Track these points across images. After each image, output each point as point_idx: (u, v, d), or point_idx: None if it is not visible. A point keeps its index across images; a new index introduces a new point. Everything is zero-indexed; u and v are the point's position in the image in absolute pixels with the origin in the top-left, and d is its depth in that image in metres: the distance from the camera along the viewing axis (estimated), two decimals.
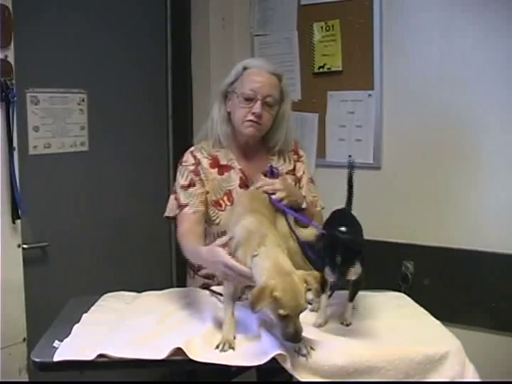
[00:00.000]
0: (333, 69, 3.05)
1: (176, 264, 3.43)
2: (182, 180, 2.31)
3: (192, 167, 2.31)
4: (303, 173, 2.43)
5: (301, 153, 2.46)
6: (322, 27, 3.07)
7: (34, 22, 2.69)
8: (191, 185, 2.29)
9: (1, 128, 2.27)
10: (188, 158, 2.34)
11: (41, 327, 1.99)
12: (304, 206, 2.25)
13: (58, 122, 2.84)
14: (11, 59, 2.30)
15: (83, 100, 2.94)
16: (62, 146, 2.88)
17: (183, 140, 3.39)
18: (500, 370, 2.56)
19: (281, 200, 2.12)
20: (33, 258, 2.68)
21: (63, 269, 2.87)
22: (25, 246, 2.48)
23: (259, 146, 2.37)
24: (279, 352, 1.71)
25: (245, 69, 2.28)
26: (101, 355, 1.75)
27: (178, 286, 3.24)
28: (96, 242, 3.02)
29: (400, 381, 1.76)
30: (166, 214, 2.36)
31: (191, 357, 1.73)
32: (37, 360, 1.79)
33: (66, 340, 1.85)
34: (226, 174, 2.32)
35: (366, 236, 2.01)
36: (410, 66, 2.88)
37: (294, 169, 2.42)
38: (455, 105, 2.78)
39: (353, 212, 2.00)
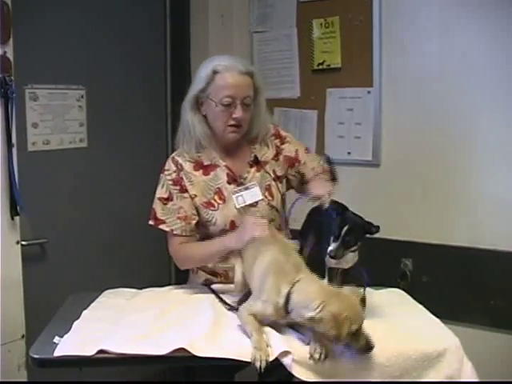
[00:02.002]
0: (332, 66, 3.05)
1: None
2: (161, 191, 2.29)
3: (173, 175, 2.29)
4: (297, 150, 2.40)
5: (284, 134, 2.42)
6: (321, 24, 3.07)
7: (33, 19, 2.69)
8: (169, 198, 2.27)
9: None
10: (169, 165, 2.32)
11: (39, 324, 1.99)
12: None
13: (56, 118, 2.84)
14: (10, 55, 2.29)
15: (82, 96, 2.94)
16: (61, 143, 2.88)
17: None
18: (498, 367, 2.56)
19: None
20: (31, 255, 2.68)
21: (62, 265, 2.86)
22: (23, 243, 2.48)
23: (240, 140, 2.33)
24: (284, 349, 1.71)
25: (215, 72, 2.22)
26: (101, 351, 1.75)
27: (176, 283, 3.26)
28: (94, 239, 3.02)
29: (400, 381, 1.77)
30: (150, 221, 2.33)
31: (195, 353, 1.73)
32: (35, 356, 1.79)
33: (66, 336, 1.86)
34: (212, 173, 2.30)
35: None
36: (409, 64, 2.87)
37: (276, 154, 2.37)
38: (454, 102, 2.77)
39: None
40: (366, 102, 2.98)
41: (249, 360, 1.73)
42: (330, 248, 1.93)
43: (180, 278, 3.35)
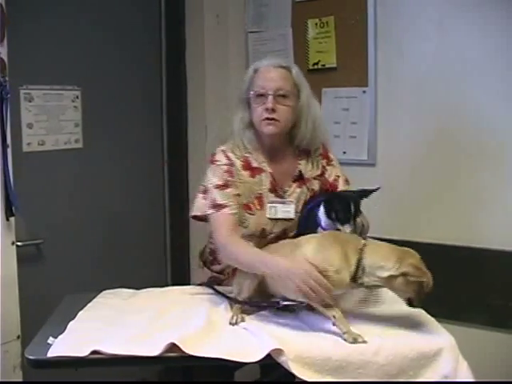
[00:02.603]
0: (327, 65, 3.05)
1: (170, 260, 3.43)
2: (215, 179, 2.21)
3: (226, 167, 2.22)
4: (337, 176, 2.36)
5: (331, 156, 2.38)
6: (316, 24, 3.07)
7: (28, 19, 2.69)
8: (226, 185, 2.19)
9: None
10: (221, 157, 2.25)
11: (35, 325, 1.99)
12: None
13: (51, 119, 2.84)
14: (5, 56, 2.28)
15: (77, 97, 2.94)
16: (56, 143, 2.87)
17: (177, 137, 3.39)
18: (496, 366, 2.57)
19: None
20: (27, 256, 2.67)
21: (57, 266, 2.86)
22: (19, 244, 2.46)
23: (286, 149, 2.31)
24: (274, 347, 1.71)
25: (255, 71, 2.26)
26: (95, 352, 1.75)
27: (173, 283, 3.26)
28: (90, 240, 3.02)
29: (401, 381, 1.77)
30: (194, 212, 2.29)
31: (186, 351, 1.73)
32: (31, 357, 1.79)
33: (60, 337, 1.86)
34: (257, 176, 2.25)
35: None
36: (404, 63, 2.87)
37: (321, 174, 2.34)
38: (450, 101, 2.78)
39: None
40: (362, 102, 2.98)
41: (244, 361, 1.73)
42: (347, 231, 2.07)
43: (177, 278, 3.37)
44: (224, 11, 3.35)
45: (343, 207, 2.08)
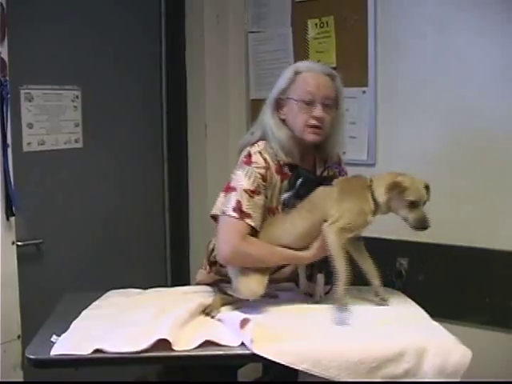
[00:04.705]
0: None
1: (170, 260, 3.44)
2: (247, 183, 2.10)
3: (262, 171, 2.13)
4: None
5: (345, 169, 2.39)
6: (316, 24, 3.07)
7: (29, 19, 2.69)
8: (256, 192, 2.11)
9: None
10: (258, 159, 2.15)
11: (35, 324, 1.99)
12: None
13: (52, 118, 2.84)
14: (5, 56, 2.28)
15: (77, 97, 2.94)
16: (56, 143, 2.87)
17: (177, 136, 3.39)
18: (495, 366, 2.57)
19: None
20: (27, 255, 2.67)
21: (57, 266, 2.86)
22: (19, 243, 2.47)
23: (309, 152, 2.26)
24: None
25: (296, 73, 2.19)
26: (97, 350, 1.76)
27: (172, 283, 3.27)
28: (90, 239, 3.02)
29: (401, 381, 1.77)
30: (213, 212, 2.23)
31: (175, 348, 1.78)
32: (31, 357, 1.79)
33: (63, 335, 1.86)
34: (285, 181, 2.19)
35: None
36: (404, 63, 2.88)
37: (331, 180, 2.26)
38: (449, 101, 2.78)
39: None
40: (361, 102, 2.99)
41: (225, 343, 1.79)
42: (284, 196, 2.14)
43: (177, 278, 3.37)
44: (224, 11, 3.35)
45: (292, 179, 2.15)
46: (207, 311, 2.02)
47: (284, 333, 1.85)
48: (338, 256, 1.98)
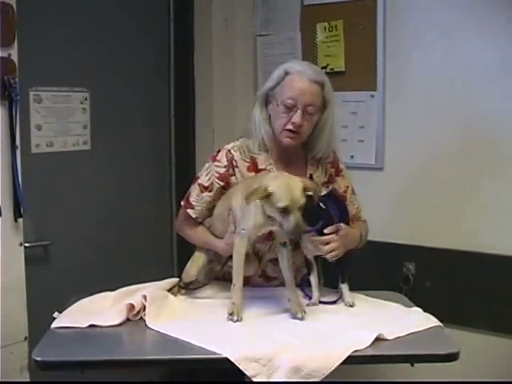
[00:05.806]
0: (335, 69, 3.05)
1: (177, 263, 3.43)
2: (203, 178, 2.25)
3: (222, 170, 2.23)
4: (347, 187, 2.34)
5: (341, 167, 2.36)
6: (325, 28, 3.07)
7: (38, 21, 2.69)
8: (209, 189, 2.23)
9: (3, 126, 2.27)
10: (222, 157, 2.25)
11: (42, 326, 1.99)
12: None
13: (60, 120, 2.84)
14: (15, 57, 2.29)
15: (86, 99, 2.94)
16: (65, 145, 2.88)
17: (185, 139, 3.40)
18: (500, 372, 2.56)
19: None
20: (35, 257, 2.68)
21: (65, 267, 2.87)
22: (27, 245, 2.47)
23: (299, 152, 2.29)
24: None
25: (286, 74, 2.18)
26: (92, 326, 1.93)
27: None
28: (98, 241, 3.02)
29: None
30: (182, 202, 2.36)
31: (147, 321, 1.95)
32: (38, 359, 1.78)
33: (64, 312, 2.02)
34: None
35: (369, 237, 2.03)
36: (412, 67, 2.88)
37: (328, 181, 2.30)
38: (457, 107, 2.78)
39: None
40: (370, 106, 2.99)
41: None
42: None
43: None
44: (232, 15, 3.36)
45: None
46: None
47: None
48: (236, 260, 2.02)
